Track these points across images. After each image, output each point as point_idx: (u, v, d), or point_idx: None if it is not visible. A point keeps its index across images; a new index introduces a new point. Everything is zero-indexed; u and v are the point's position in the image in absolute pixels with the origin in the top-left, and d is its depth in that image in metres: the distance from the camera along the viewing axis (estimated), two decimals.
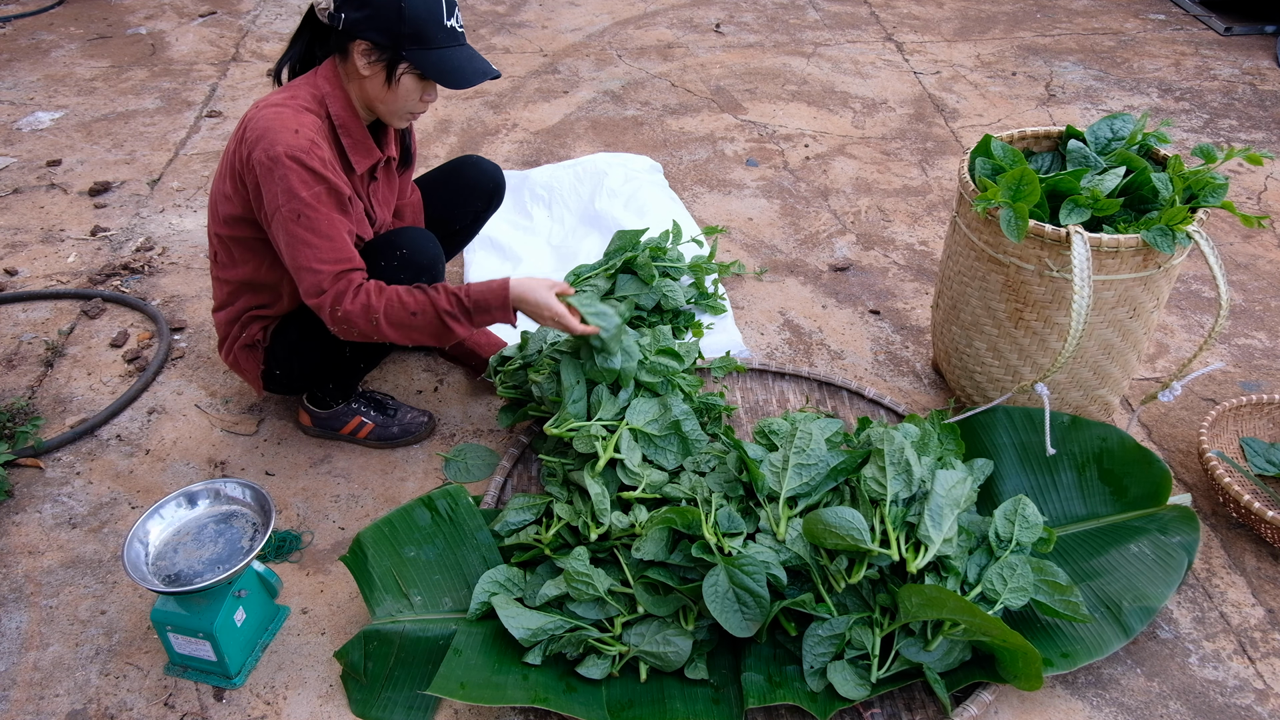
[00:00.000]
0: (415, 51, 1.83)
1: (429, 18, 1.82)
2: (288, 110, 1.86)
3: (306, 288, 1.88)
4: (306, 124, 1.85)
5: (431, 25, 1.83)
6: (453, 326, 1.93)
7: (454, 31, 1.87)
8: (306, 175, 1.82)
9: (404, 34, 1.81)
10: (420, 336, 1.94)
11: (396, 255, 2.00)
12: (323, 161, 1.84)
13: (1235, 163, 3.56)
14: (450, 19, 1.86)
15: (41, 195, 3.34)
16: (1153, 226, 1.94)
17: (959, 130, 3.84)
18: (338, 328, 1.91)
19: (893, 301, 2.88)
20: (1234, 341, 2.72)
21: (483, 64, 1.91)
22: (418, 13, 1.81)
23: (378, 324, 1.89)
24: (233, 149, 1.94)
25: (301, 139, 1.82)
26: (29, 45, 4.46)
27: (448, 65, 1.86)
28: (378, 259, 2.00)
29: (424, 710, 1.74)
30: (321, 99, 1.91)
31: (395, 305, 1.90)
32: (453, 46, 1.88)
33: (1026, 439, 2.14)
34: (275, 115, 1.85)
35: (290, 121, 1.84)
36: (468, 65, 1.89)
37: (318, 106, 1.91)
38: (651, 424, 2.01)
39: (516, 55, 4.49)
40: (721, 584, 1.73)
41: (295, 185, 1.82)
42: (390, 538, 1.93)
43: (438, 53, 1.85)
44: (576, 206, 3.17)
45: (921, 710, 1.76)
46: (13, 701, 1.77)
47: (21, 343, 2.66)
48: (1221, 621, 1.95)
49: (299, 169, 1.81)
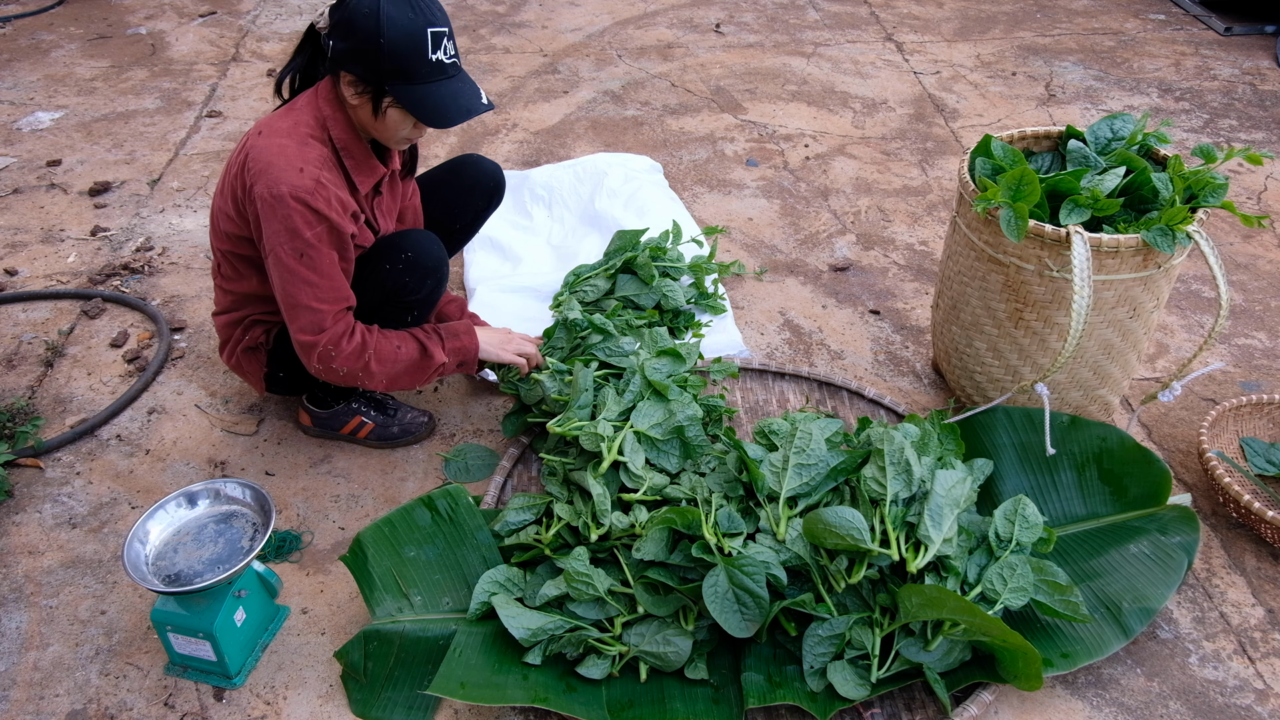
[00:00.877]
0: (399, 86, 1.78)
1: (411, 53, 1.76)
2: (292, 144, 1.83)
3: (303, 324, 1.88)
4: (311, 159, 1.83)
5: (414, 60, 1.77)
6: (431, 349, 2.04)
7: (440, 65, 1.79)
8: (310, 215, 1.81)
9: (385, 69, 1.76)
10: (400, 371, 2.02)
11: (402, 258, 2.00)
12: (327, 202, 1.83)
13: (1235, 163, 3.56)
14: (436, 52, 1.78)
15: (41, 195, 3.34)
16: (1153, 226, 1.94)
17: (959, 130, 3.84)
18: (321, 365, 1.92)
19: (893, 301, 2.88)
20: (1234, 341, 2.72)
21: (469, 100, 1.84)
22: (398, 48, 1.75)
23: (368, 362, 1.95)
24: (234, 173, 1.92)
25: (306, 179, 1.80)
26: (29, 45, 4.46)
27: (431, 102, 1.80)
28: (382, 262, 2.00)
29: (424, 710, 1.74)
30: (324, 123, 1.89)
31: (384, 342, 1.98)
32: (439, 80, 1.80)
33: (1026, 439, 2.14)
34: (280, 150, 1.82)
35: (295, 158, 1.82)
36: (452, 103, 1.82)
37: (320, 132, 1.89)
38: (656, 428, 2.01)
39: (516, 55, 4.49)
40: (721, 584, 1.73)
41: (299, 225, 1.81)
42: (390, 538, 1.93)
43: (423, 88, 1.79)
44: (576, 206, 3.17)
45: (921, 710, 1.76)
46: (13, 701, 1.77)
47: (21, 343, 2.66)
48: (1221, 621, 1.95)
49: (302, 209, 1.81)
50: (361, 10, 1.74)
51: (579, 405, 2.04)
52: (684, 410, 2.02)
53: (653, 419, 2.02)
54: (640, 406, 2.04)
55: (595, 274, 2.72)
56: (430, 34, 1.76)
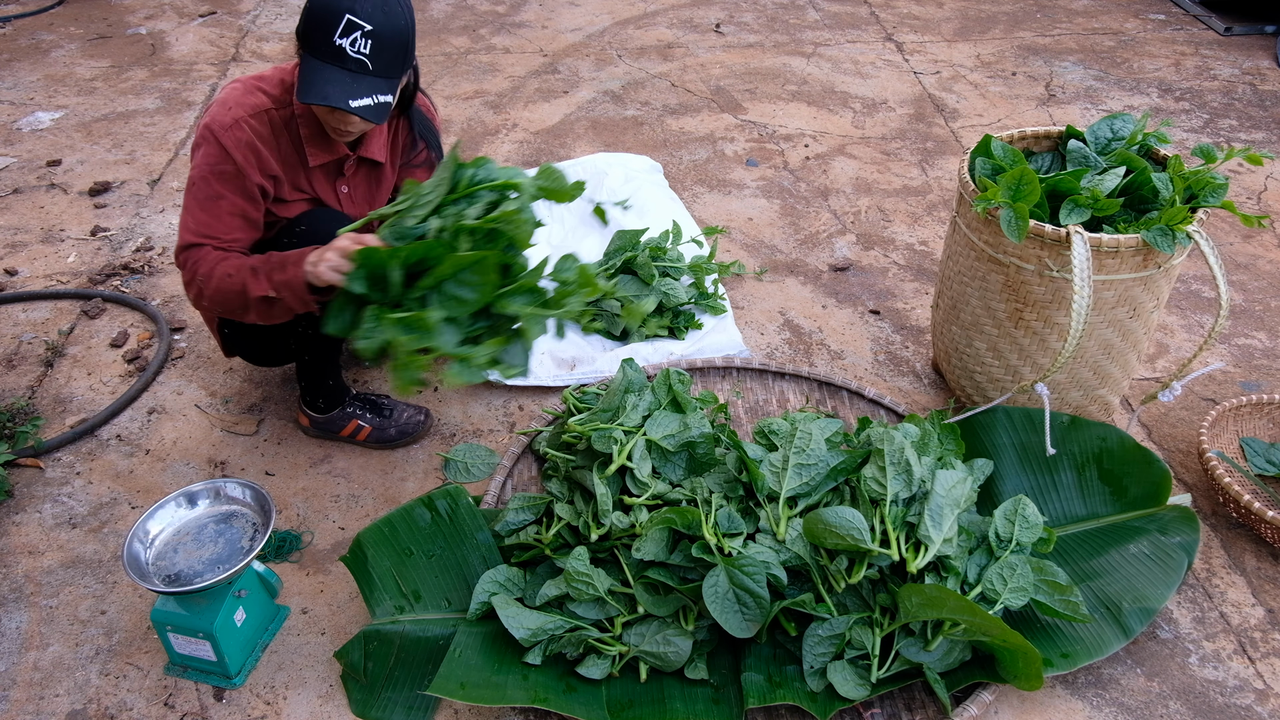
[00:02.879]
0: (303, 55, 1.81)
1: (320, 25, 1.75)
2: (240, 89, 1.93)
3: (178, 243, 1.94)
4: (247, 105, 1.90)
5: (320, 33, 1.75)
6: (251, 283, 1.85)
7: (339, 51, 1.75)
8: (214, 149, 1.88)
9: (300, 31, 1.80)
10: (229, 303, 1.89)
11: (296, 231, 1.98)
12: (236, 143, 1.88)
13: (1235, 163, 3.56)
14: (341, 39, 1.75)
15: (41, 195, 3.34)
16: (1153, 226, 1.94)
17: (959, 130, 3.84)
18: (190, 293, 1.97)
19: (893, 301, 2.88)
20: (1234, 341, 2.72)
21: (337, 91, 1.76)
22: (314, 16, 1.76)
23: (200, 291, 1.92)
24: None
25: (228, 117, 1.88)
26: (29, 45, 4.46)
27: (308, 76, 1.77)
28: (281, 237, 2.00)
29: (424, 710, 1.74)
30: (289, 85, 1.94)
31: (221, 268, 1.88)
32: (329, 64, 1.76)
33: (1026, 439, 2.14)
34: (229, 92, 1.93)
35: (232, 101, 1.90)
36: (320, 85, 1.76)
37: (280, 91, 1.94)
38: (669, 439, 2.00)
39: (516, 55, 4.49)
40: (721, 584, 1.73)
41: (203, 154, 1.90)
42: (390, 538, 1.93)
43: (314, 61, 1.78)
44: (576, 206, 3.17)
45: (921, 710, 1.76)
46: (13, 701, 1.77)
47: (21, 343, 2.66)
48: (1221, 621, 1.95)
49: (212, 141, 1.88)
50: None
51: (602, 407, 2.05)
52: (699, 426, 2.01)
53: (667, 429, 2.01)
54: (658, 415, 2.04)
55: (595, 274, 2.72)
56: (346, 19, 1.74)
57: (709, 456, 2.00)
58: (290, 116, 1.94)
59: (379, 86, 1.80)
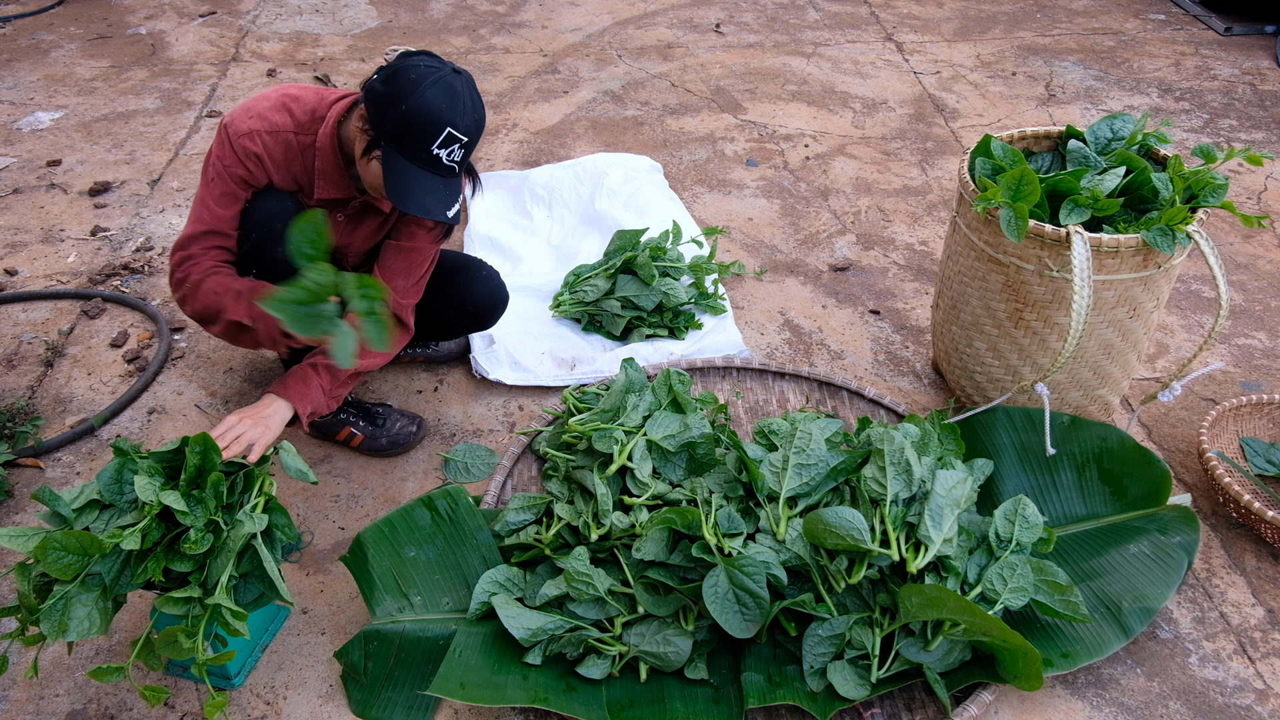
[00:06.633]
0: (392, 150, 1.79)
1: (419, 133, 1.76)
2: (271, 100, 1.95)
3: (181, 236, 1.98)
4: (269, 120, 1.92)
5: (417, 140, 1.76)
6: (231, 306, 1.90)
7: (435, 159, 1.79)
8: (227, 150, 1.92)
9: (389, 129, 1.78)
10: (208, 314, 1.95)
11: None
12: (245, 151, 1.91)
13: (1235, 163, 3.56)
14: (440, 149, 1.78)
15: (41, 195, 3.34)
16: (1153, 226, 1.94)
17: (959, 130, 3.84)
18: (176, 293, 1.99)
19: (893, 301, 2.88)
20: (1234, 341, 2.72)
21: (435, 202, 1.81)
22: (411, 122, 1.75)
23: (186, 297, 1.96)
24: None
25: (244, 124, 1.91)
26: (29, 45, 4.46)
27: (405, 182, 1.79)
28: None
29: (424, 710, 1.74)
30: (321, 118, 1.94)
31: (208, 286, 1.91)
32: (425, 170, 1.80)
33: (1026, 439, 2.14)
34: (259, 99, 1.95)
35: (258, 108, 1.93)
36: (419, 195, 1.80)
37: (309, 119, 1.94)
38: (669, 439, 2.01)
39: (516, 55, 4.49)
40: (721, 584, 1.73)
41: (216, 151, 1.94)
42: (390, 538, 1.93)
43: (408, 166, 1.79)
44: (576, 206, 3.17)
45: (921, 710, 1.76)
46: (13, 701, 1.77)
47: (21, 343, 2.66)
48: (1221, 621, 1.95)
49: (224, 141, 1.92)
50: (411, 74, 1.76)
51: (603, 408, 2.05)
52: (699, 427, 2.01)
53: (667, 429, 2.02)
54: (659, 415, 2.04)
55: (595, 274, 2.72)
56: (446, 132, 1.77)
57: (709, 457, 2.00)
58: (309, 145, 1.95)
59: (459, 186, 1.87)
